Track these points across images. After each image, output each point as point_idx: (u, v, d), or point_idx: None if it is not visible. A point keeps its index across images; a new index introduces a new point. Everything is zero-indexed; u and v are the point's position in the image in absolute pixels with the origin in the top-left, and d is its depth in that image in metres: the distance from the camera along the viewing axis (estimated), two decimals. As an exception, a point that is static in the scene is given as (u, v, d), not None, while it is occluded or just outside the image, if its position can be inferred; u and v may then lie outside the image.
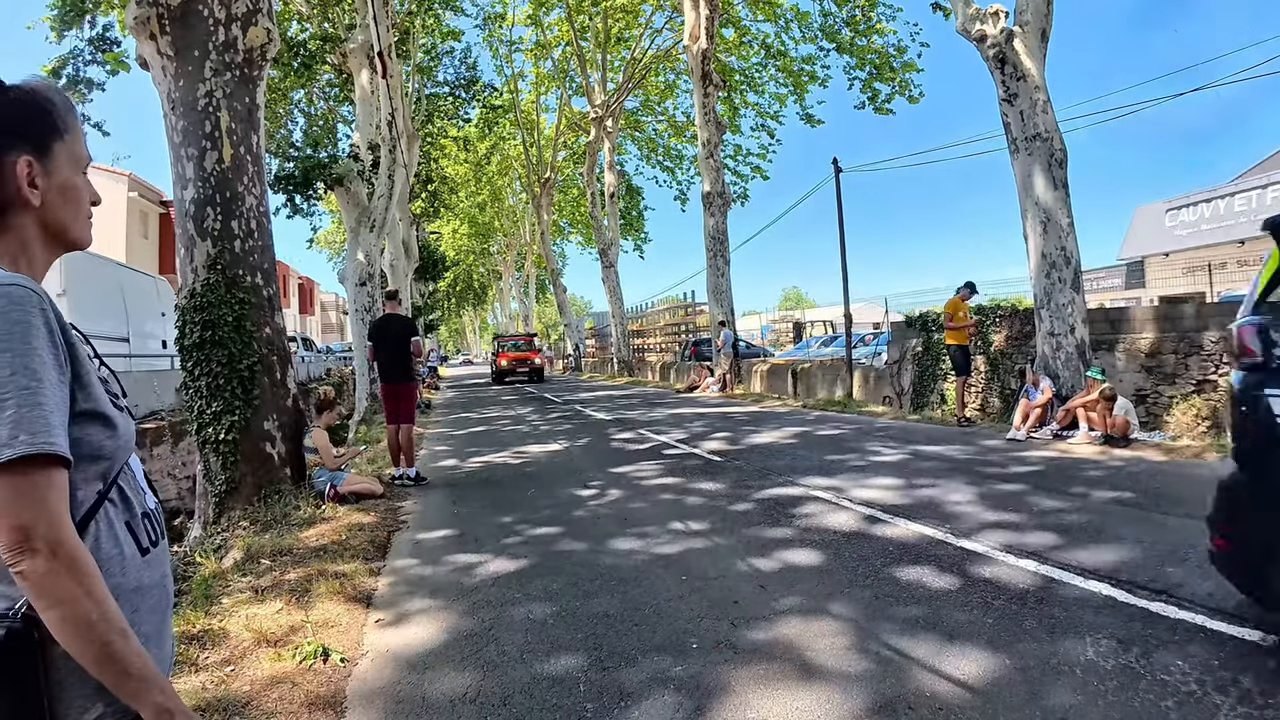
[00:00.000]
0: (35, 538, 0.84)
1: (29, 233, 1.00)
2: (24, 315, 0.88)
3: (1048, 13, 8.78)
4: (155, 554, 1.05)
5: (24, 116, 1.00)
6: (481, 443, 9.93)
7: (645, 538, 4.59)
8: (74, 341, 0.96)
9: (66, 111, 1.05)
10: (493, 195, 39.38)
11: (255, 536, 4.78)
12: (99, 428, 0.97)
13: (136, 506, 1.04)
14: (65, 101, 1.06)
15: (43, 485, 0.85)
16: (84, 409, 0.94)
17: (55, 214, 1.02)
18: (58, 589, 0.84)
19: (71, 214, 1.05)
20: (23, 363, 0.86)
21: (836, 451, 7.52)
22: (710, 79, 16.70)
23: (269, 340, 5.77)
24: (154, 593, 1.03)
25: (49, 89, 1.05)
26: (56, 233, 1.04)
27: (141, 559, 1.01)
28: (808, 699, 2.47)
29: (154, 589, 1.03)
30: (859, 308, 19.42)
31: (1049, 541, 4.02)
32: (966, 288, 9.84)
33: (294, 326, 38.29)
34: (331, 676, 2.83)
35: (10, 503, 0.84)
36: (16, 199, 0.98)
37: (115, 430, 0.99)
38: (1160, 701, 2.30)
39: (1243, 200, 19.47)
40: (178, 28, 5.49)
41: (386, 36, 13.00)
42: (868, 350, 17.22)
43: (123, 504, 1.01)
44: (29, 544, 0.83)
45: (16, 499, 0.84)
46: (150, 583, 1.02)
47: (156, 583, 1.04)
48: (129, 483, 1.04)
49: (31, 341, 0.88)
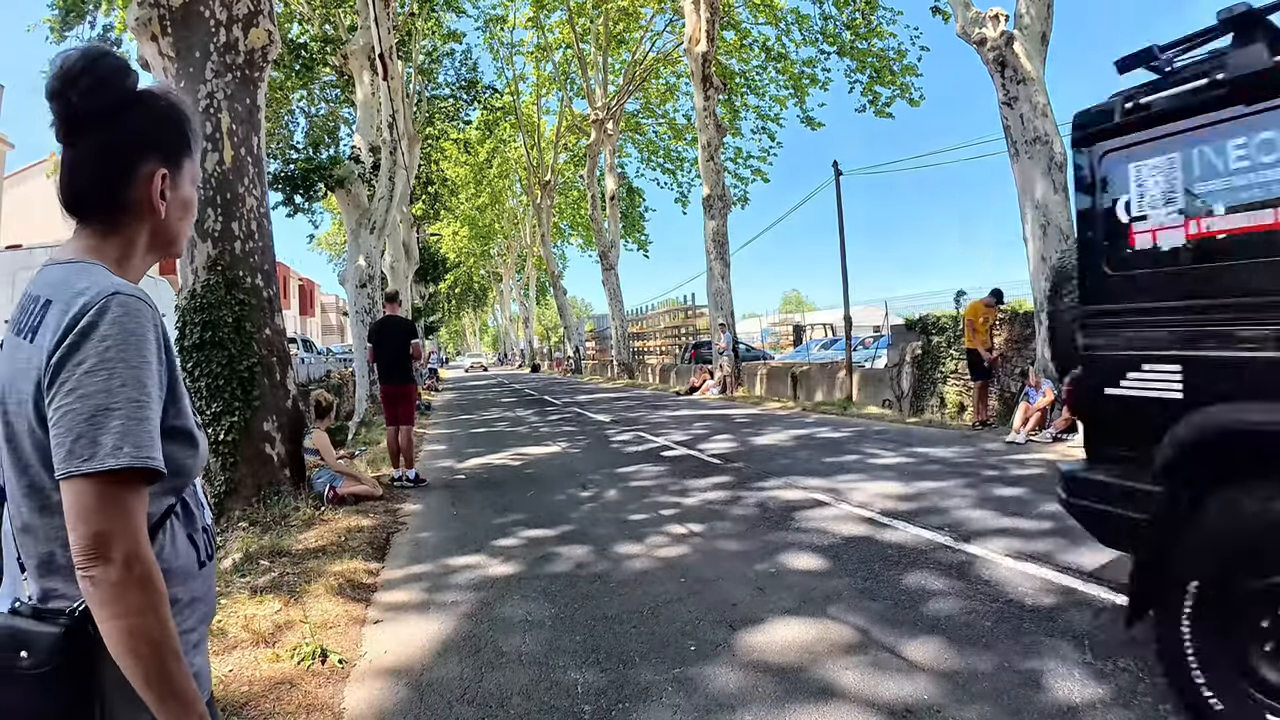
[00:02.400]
0: (113, 547, 0.84)
1: (140, 238, 1.02)
2: (140, 328, 0.90)
3: (1048, 16, 8.79)
4: (209, 567, 1.07)
5: (165, 127, 1.02)
6: (481, 444, 9.93)
7: (644, 540, 4.59)
8: (174, 357, 0.98)
9: (196, 129, 1.08)
10: (493, 197, 39.42)
11: (254, 537, 4.77)
12: (183, 445, 0.98)
13: (198, 520, 1.05)
14: (197, 118, 1.09)
15: (130, 497, 0.86)
16: (173, 424, 0.96)
17: (172, 225, 1.05)
18: (126, 601, 0.84)
19: (184, 227, 1.08)
20: (135, 375, 0.87)
21: (836, 454, 7.51)
22: (711, 81, 16.72)
23: (269, 341, 5.77)
24: (204, 605, 1.05)
25: (185, 103, 1.07)
26: (166, 242, 1.06)
27: (198, 571, 1.03)
28: (806, 703, 2.46)
29: (204, 601, 1.05)
30: (859, 311, 19.42)
31: (1049, 545, 4.02)
32: (993, 295, 9.73)
33: (294, 328, 38.28)
34: (330, 677, 2.83)
35: (97, 510, 0.84)
36: (145, 207, 1.00)
37: (196, 448, 1.01)
38: (1160, 704, 2.30)
39: (1243, 204, 19.48)
40: (179, 29, 5.50)
41: (387, 38, 13.02)
42: (867, 353, 17.20)
43: (186, 517, 1.03)
44: (106, 553, 0.83)
45: (103, 507, 0.84)
46: (202, 594, 1.04)
47: (206, 594, 1.06)
48: (192, 496, 1.05)
49: (145, 354, 0.89)
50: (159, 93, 1.04)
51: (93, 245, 0.99)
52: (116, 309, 0.88)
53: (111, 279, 0.93)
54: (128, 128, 0.99)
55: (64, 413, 0.85)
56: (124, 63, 0.99)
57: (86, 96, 0.95)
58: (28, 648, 0.86)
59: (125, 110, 0.98)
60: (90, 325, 0.87)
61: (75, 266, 0.95)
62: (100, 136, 0.97)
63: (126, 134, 0.99)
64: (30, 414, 0.89)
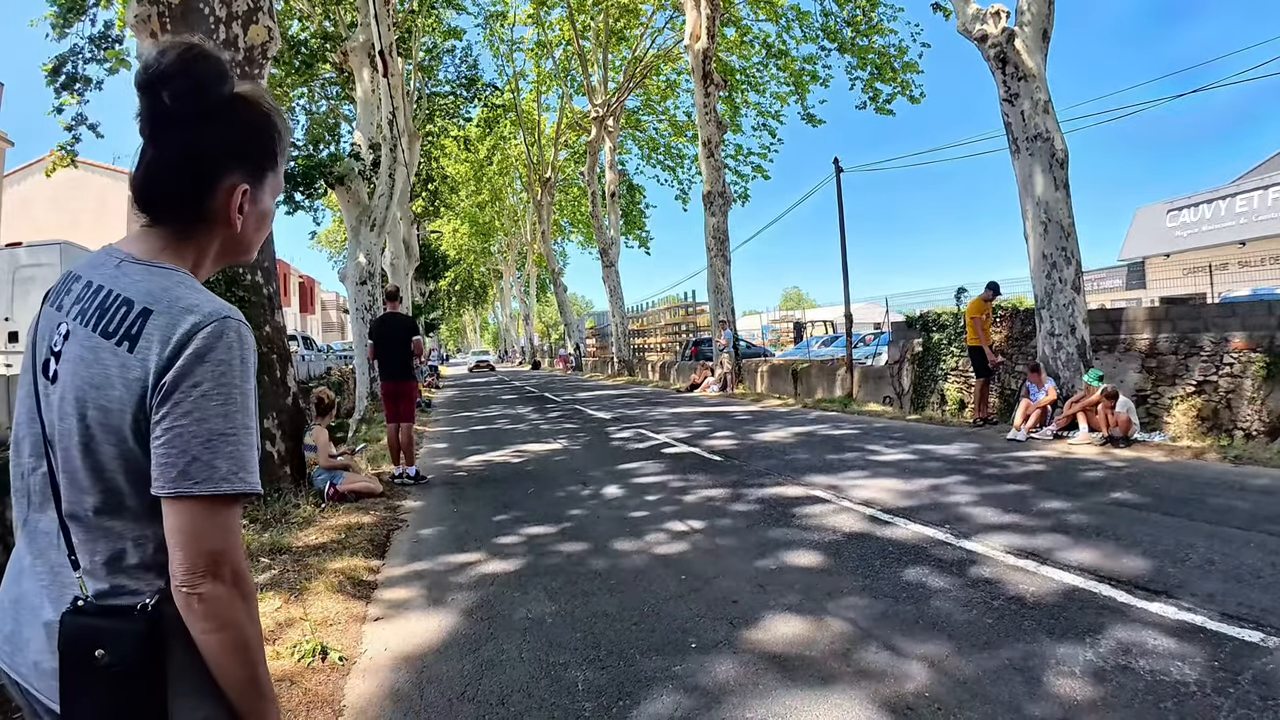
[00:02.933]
0: (224, 565, 0.87)
1: (213, 246, 1.02)
2: (249, 355, 0.92)
3: (1049, 13, 8.76)
4: None
5: (253, 138, 1.00)
6: (481, 441, 9.93)
7: (644, 537, 4.59)
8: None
9: (287, 139, 1.06)
10: (493, 194, 39.41)
11: (254, 535, 4.77)
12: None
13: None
14: (288, 127, 1.06)
15: (235, 517, 0.90)
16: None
17: (247, 237, 1.04)
18: (232, 613, 0.88)
19: (258, 239, 1.07)
20: (246, 403, 0.90)
21: (836, 451, 7.51)
22: (711, 78, 16.69)
23: (269, 338, 5.77)
24: None
25: (278, 112, 1.04)
26: (239, 251, 1.06)
27: None
28: (807, 699, 2.46)
29: None
30: (859, 308, 19.42)
31: (1049, 542, 4.02)
32: (989, 289, 9.69)
33: (294, 325, 38.26)
34: (330, 675, 2.83)
35: (210, 530, 0.87)
36: (221, 218, 0.99)
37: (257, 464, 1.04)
38: (1160, 703, 2.30)
39: (1243, 201, 19.46)
40: (178, 25, 5.49)
41: (387, 35, 13.00)
42: (868, 350, 17.20)
43: None
44: (217, 570, 0.86)
45: (215, 527, 0.87)
46: None
47: None
48: None
49: (251, 382, 0.92)
50: (253, 99, 1.00)
51: (169, 248, 0.98)
52: (231, 334, 0.90)
53: (217, 301, 0.93)
54: (215, 136, 0.96)
55: (177, 433, 0.86)
56: (223, 68, 0.96)
57: (179, 99, 0.92)
58: (104, 645, 0.87)
59: (215, 116, 0.96)
60: (206, 348, 0.88)
61: (168, 274, 0.94)
62: (185, 140, 0.95)
63: (212, 142, 0.96)
64: (125, 424, 0.88)
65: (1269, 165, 22.22)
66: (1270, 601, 3.02)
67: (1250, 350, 7.57)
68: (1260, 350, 7.47)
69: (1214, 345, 7.89)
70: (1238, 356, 7.66)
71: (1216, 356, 7.83)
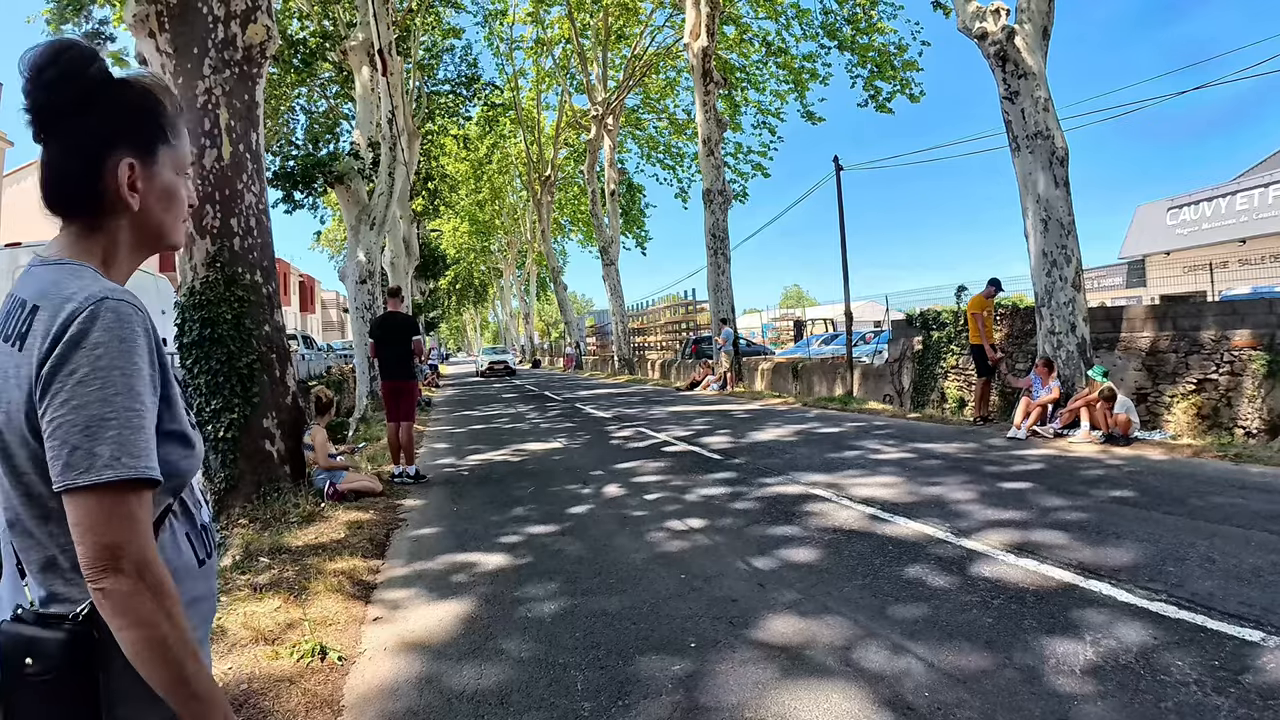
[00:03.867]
0: (124, 558, 0.83)
1: (122, 234, 0.99)
2: (132, 334, 0.87)
3: (1049, 10, 8.75)
4: (210, 565, 1.06)
5: (135, 116, 0.98)
6: (481, 440, 9.93)
7: (644, 536, 4.59)
8: (166, 360, 0.96)
9: (176, 114, 1.03)
10: (493, 193, 39.38)
11: (254, 534, 4.78)
12: (178, 446, 0.97)
13: (197, 519, 1.04)
14: (177, 104, 1.04)
15: (135, 506, 0.85)
16: (168, 429, 0.94)
17: (154, 217, 1.00)
18: (140, 610, 0.83)
19: (170, 218, 1.03)
20: (128, 383, 0.86)
21: (837, 449, 7.51)
22: (711, 76, 16.67)
23: (268, 338, 5.77)
24: (205, 603, 1.04)
25: (162, 89, 1.02)
26: (153, 236, 1.02)
27: (199, 569, 1.02)
28: (806, 697, 2.46)
29: (205, 599, 1.04)
30: (860, 306, 19.42)
31: (1049, 540, 4.02)
32: (992, 285, 9.65)
33: (294, 324, 38.27)
34: (329, 675, 2.83)
35: (103, 522, 0.83)
36: (116, 201, 0.96)
37: (192, 449, 1.00)
38: (1159, 702, 2.30)
39: (1244, 199, 19.44)
40: (177, 25, 5.48)
41: (387, 34, 12.99)
42: (868, 348, 17.20)
43: (185, 516, 1.02)
44: (117, 564, 0.83)
45: (109, 519, 0.83)
46: (203, 593, 1.03)
47: (208, 593, 1.05)
48: (190, 495, 1.04)
49: (137, 361, 0.87)
50: (130, 80, 0.99)
51: (77, 244, 0.97)
52: (107, 315, 0.86)
53: (101, 283, 0.90)
54: (93, 120, 0.95)
55: (58, 424, 0.83)
56: (90, 52, 0.95)
57: (50, 90, 0.92)
58: (33, 654, 0.85)
59: (92, 102, 0.95)
60: (81, 333, 0.85)
61: (62, 268, 0.93)
62: (68, 130, 0.94)
63: (93, 127, 0.95)
64: (22, 424, 0.87)
65: (1270, 163, 22.18)
66: (1270, 600, 3.02)
67: (1250, 348, 7.56)
68: (1260, 348, 7.47)
69: (1214, 343, 7.88)
70: (1238, 354, 7.66)
71: (1217, 354, 7.82)
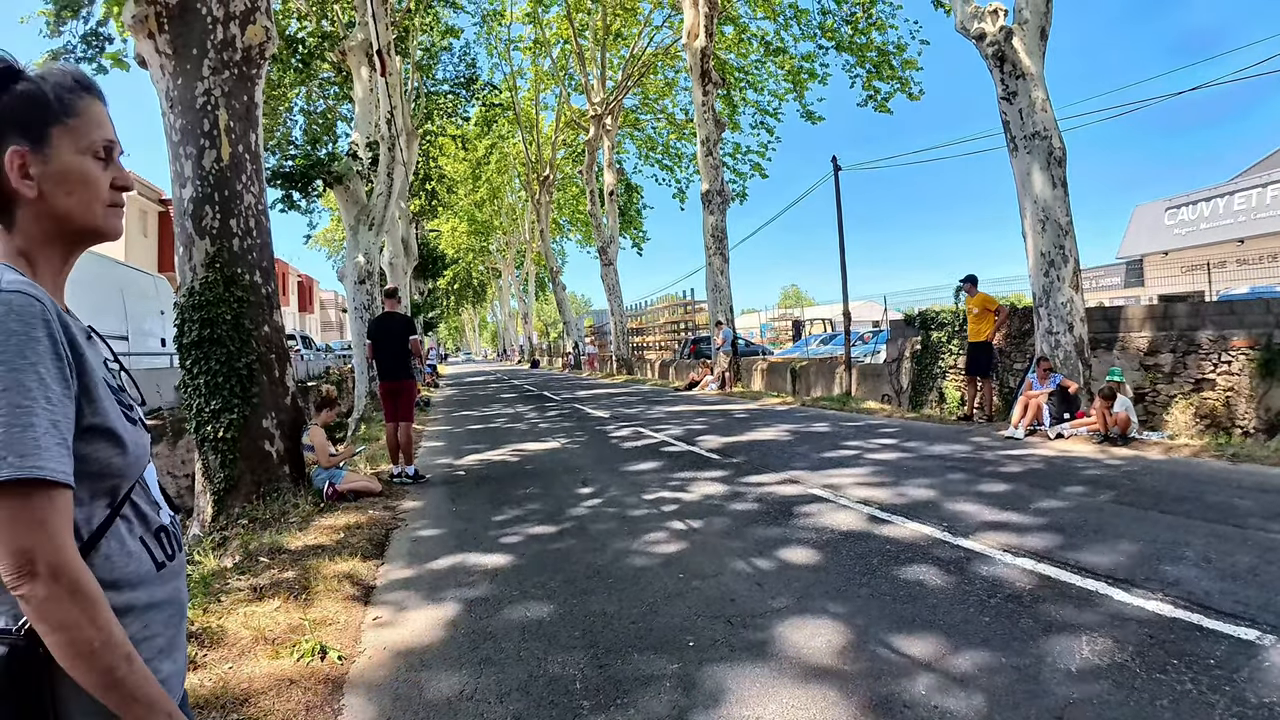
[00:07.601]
0: (36, 562, 0.81)
1: (35, 227, 0.95)
2: (22, 326, 0.83)
3: (1047, 10, 8.77)
4: (171, 568, 1.03)
5: (15, 102, 0.95)
6: (480, 440, 9.94)
7: (643, 536, 4.60)
8: (82, 352, 0.91)
9: (71, 92, 0.97)
10: (491, 193, 39.39)
11: (254, 534, 4.78)
12: (106, 444, 0.93)
13: (152, 521, 1.01)
14: (69, 82, 0.98)
15: (43, 508, 0.82)
16: (90, 424, 0.91)
17: (58, 204, 0.95)
18: (59, 614, 0.81)
19: (76, 202, 0.97)
20: (16, 379, 0.82)
21: (834, 449, 7.52)
22: (709, 76, 16.68)
23: (268, 338, 5.77)
24: (168, 608, 1.01)
25: (49, 72, 0.98)
26: (63, 224, 0.97)
27: (156, 574, 0.99)
28: (804, 697, 2.47)
29: (168, 604, 1.01)
30: (858, 306, 19.43)
31: (1047, 540, 4.03)
32: (967, 280, 9.70)
33: (293, 324, 38.28)
34: (329, 674, 2.84)
35: (9, 526, 0.80)
36: (12, 193, 0.93)
37: (124, 447, 0.95)
38: (1155, 700, 2.31)
39: (1242, 199, 19.48)
40: (176, 26, 5.49)
41: (385, 34, 12.98)
42: (866, 348, 17.23)
43: (138, 519, 0.99)
44: (30, 569, 0.81)
45: (15, 523, 0.80)
46: (164, 598, 1.00)
47: (171, 597, 1.02)
48: (143, 497, 1.01)
49: (28, 355, 0.83)
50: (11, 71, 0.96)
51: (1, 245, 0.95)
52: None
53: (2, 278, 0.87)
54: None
55: None
56: None
57: None
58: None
59: None
60: None
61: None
62: None
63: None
64: None
65: (1268, 163, 22.23)
66: (1267, 599, 3.04)
67: (1248, 348, 7.58)
68: (1258, 348, 7.49)
69: (1212, 343, 7.90)
70: (1236, 354, 7.68)
71: (1215, 354, 7.84)
